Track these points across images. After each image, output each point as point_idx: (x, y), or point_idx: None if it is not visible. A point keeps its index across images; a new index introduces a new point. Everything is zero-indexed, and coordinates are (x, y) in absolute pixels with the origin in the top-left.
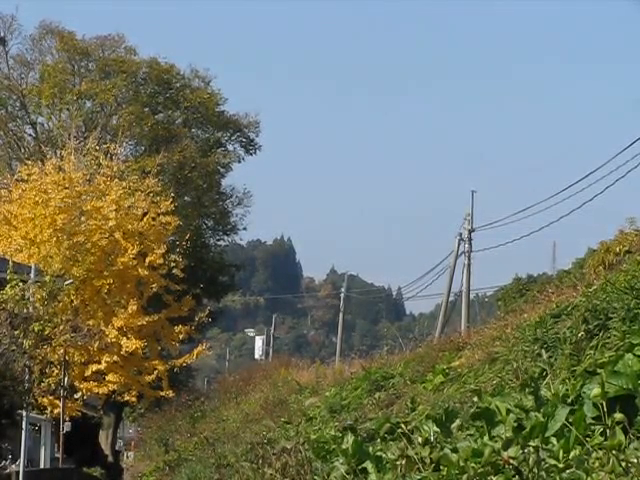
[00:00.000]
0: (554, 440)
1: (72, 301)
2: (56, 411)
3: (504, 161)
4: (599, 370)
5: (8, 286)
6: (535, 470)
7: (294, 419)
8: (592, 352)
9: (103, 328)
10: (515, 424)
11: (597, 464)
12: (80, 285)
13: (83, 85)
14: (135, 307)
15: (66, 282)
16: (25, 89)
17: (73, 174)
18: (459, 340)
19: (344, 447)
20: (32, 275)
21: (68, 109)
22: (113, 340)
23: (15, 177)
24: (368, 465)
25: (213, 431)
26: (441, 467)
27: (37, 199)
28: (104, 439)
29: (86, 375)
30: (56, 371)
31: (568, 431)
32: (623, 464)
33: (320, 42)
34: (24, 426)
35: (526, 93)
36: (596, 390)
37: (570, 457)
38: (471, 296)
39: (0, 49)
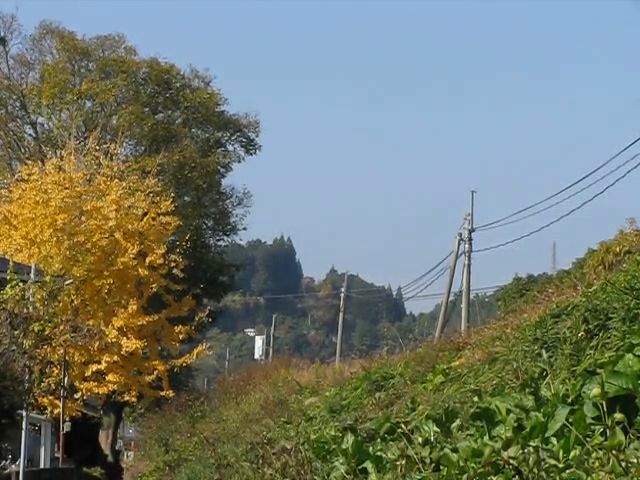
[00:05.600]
0: (554, 440)
1: (72, 301)
2: (56, 411)
3: (504, 161)
4: (599, 370)
5: (8, 286)
6: (535, 470)
7: (294, 419)
8: (592, 352)
9: (103, 328)
10: (515, 424)
11: (597, 464)
12: (80, 285)
13: (83, 85)
14: (135, 307)
15: (66, 282)
16: (25, 89)
17: (73, 174)
18: (459, 340)
19: (344, 447)
20: (32, 275)
21: (68, 109)
22: (113, 340)
23: (15, 177)
24: (368, 465)
25: (213, 431)
26: (441, 467)
27: (37, 199)
28: (104, 439)
29: (86, 375)
30: (56, 371)
31: (568, 431)
32: (623, 464)
33: (320, 42)
34: (24, 426)
35: (526, 93)
36: (596, 390)
37: (570, 457)
38: (471, 296)
39: (0, 49)
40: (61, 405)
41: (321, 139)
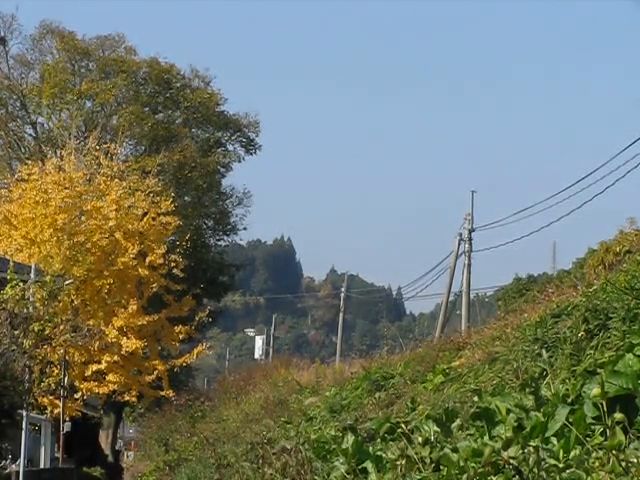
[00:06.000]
0: (554, 440)
1: (72, 301)
2: (56, 411)
3: (504, 161)
4: (599, 370)
5: (8, 286)
6: (535, 470)
7: (294, 419)
8: (592, 352)
9: (103, 328)
10: (515, 424)
11: (597, 464)
12: (80, 285)
13: (83, 85)
14: (135, 307)
15: (66, 282)
16: (25, 89)
17: (73, 174)
18: (459, 340)
19: (344, 447)
20: (32, 275)
21: (68, 109)
22: (113, 340)
23: (15, 177)
24: (368, 465)
25: (213, 431)
26: (441, 467)
27: (37, 199)
28: (104, 439)
29: (86, 375)
30: (56, 371)
31: (568, 431)
32: (623, 464)
33: (320, 42)
34: (24, 426)
35: (526, 93)
36: (596, 390)
37: (570, 457)
38: (471, 296)
39: (0, 49)
40: (61, 405)
41: (321, 139)
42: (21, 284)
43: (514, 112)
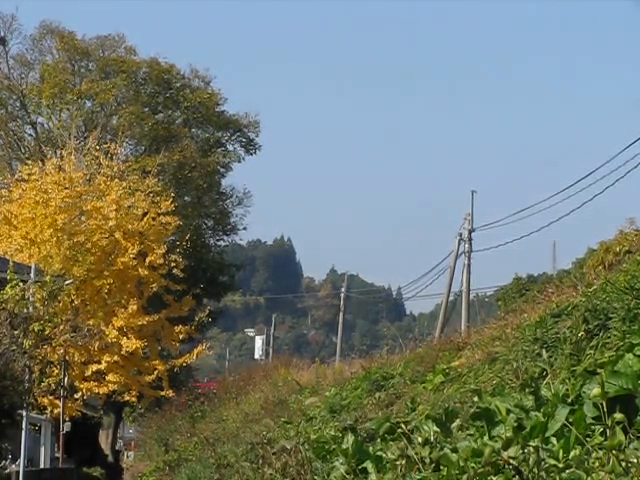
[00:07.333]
0: (554, 440)
1: (72, 301)
2: (56, 411)
3: (504, 161)
4: (599, 370)
5: (8, 286)
6: (535, 470)
7: (294, 419)
8: (592, 352)
9: (103, 328)
10: (515, 424)
11: (597, 464)
12: (80, 285)
13: (83, 85)
14: (135, 307)
15: (66, 282)
16: (25, 89)
17: (73, 174)
18: (459, 340)
19: (344, 447)
20: (32, 275)
21: (68, 109)
22: (113, 340)
23: (15, 177)
24: (368, 465)
25: (213, 431)
26: (441, 467)
27: (37, 199)
28: (104, 439)
29: (86, 375)
30: (56, 371)
31: (568, 431)
32: (623, 464)
33: (320, 42)
34: (24, 426)
35: (526, 93)
36: (596, 390)
37: (570, 457)
38: (471, 296)
39: (0, 49)
40: (61, 405)
41: (321, 139)
42: (21, 284)
43: (514, 112)
